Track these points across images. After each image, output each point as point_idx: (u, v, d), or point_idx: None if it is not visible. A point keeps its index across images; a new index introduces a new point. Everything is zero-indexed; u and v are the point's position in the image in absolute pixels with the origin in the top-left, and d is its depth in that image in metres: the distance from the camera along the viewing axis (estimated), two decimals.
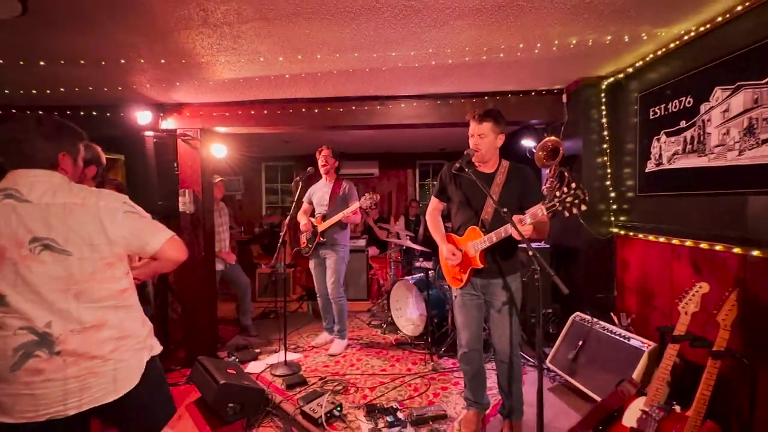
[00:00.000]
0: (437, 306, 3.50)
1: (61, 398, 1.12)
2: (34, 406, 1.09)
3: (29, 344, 1.09)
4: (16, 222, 1.08)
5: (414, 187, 6.91)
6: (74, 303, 1.14)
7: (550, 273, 1.53)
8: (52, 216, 1.11)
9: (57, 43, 2.01)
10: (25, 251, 1.08)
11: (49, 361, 1.10)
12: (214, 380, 2.46)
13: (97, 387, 1.18)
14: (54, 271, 1.11)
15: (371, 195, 3.12)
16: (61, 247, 1.12)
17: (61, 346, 1.12)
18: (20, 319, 1.09)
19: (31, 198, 1.11)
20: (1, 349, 1.07)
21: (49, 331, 1.11)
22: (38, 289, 1.10)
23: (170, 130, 3.27)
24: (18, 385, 1.07)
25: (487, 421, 2.33)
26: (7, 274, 1.08)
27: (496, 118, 1.98)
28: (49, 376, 1.10)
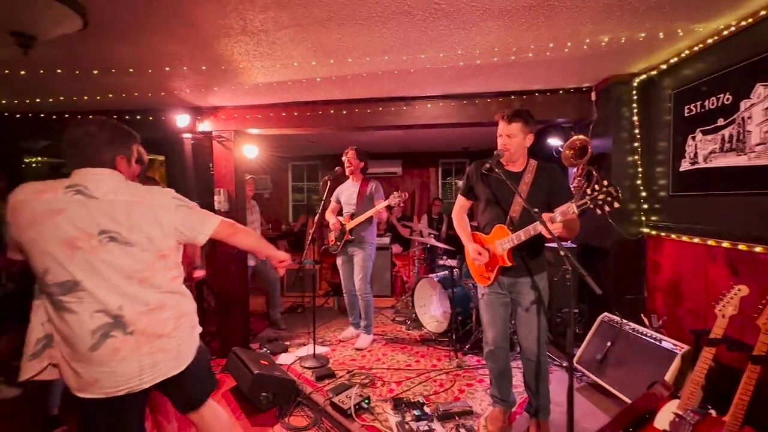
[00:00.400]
0: (461, 304, 3.53)
1: (137, 373, 1.25)
2: (114, 382, 1.22)
3: (105, 326, 1.20)
4: (86, 216, 1.19)
5: (437, 186, 6.92)
6: (139, 288, 1.26)
7: (582, 274, 1.54)
8: (116, 211, 1.22)
9: (110, 54, 2.17)
10: (95, 242, 1.19)
11: (125, 340, 1.22)
12: (249, 370, 2.60)
13: (165, 362, 1.31)
14: (120, 260, 1.22)
15: (399, 193, 3.18)
16: (125, 239, 1.23)
17: (133, 326, 1.23)
18: (95, 302, 1.20)
19: (97, 194, 1.22)
20: (79, 331, 1.18)
21: (121, 314, 1.22)
22: (108, 276, 1.21)
23: (206, 132, 3.43)
24: (99, 365, 1.19)
25: (513, 418, 2.35)
26: (81, 262, 1.18)
27: (526, 119, 1.99)
28: (126, 354, 1.22)
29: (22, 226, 1.16)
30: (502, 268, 2.07)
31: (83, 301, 1.19)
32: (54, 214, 1.16)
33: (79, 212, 1.18)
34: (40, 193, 1.18)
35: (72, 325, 1.18)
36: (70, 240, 1.17)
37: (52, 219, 1.16)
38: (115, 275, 1.22)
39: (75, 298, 1.18)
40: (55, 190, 1.19)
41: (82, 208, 1.19)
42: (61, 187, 1.20)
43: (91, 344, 1.18)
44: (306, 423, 2.44)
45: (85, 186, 1.21)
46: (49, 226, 1.16)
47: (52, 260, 1.17)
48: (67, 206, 1.18)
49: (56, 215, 1.16)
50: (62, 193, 1.19)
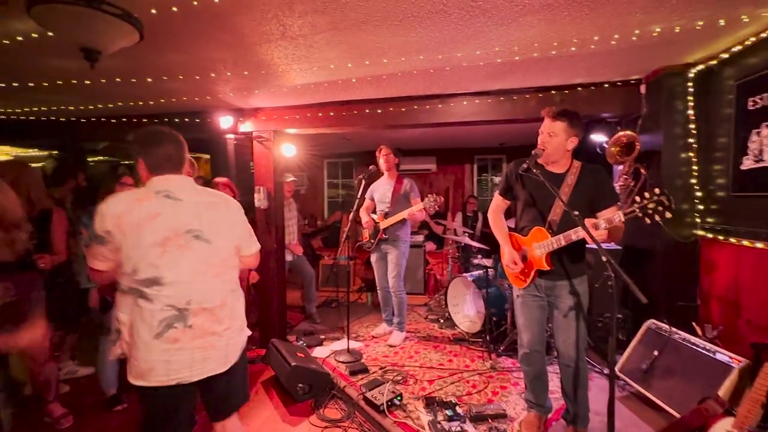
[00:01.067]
0: (496, 304, 3.46)
1: (188, 365, 1.35)
2: (167, 371, 1.32)
3: (171, 318, 1.31)
4: (177, 217, 1.33)
5: (472, 183, 6.80)
6: (210, 283, 1.38)
7: (626, 281, 1.47)
8: (199, 211, 1.37)
9: (162, 63, 2.33)
10: (182, 240, 1.33)
11: (184, 332, 1.33)
12: (287, 362, 2.71)
13: (214, 359, 1.40)
14: (199, 257, 1.36)
15: (435, 197, 3.16)
16: (206, 237, 1.37)
17: (193, 320, 1.34)
18: (169, 296, 1.31)
19: (182, 197, 1.36)
20: (149, 320, 1.30)
21: (187, 308, 1.33)
22: (187, 271, 1.33)
23: (247, 132, 3.58)
24: (157, 352, 1.30)
25: (549, 424, 2.29)
26: (167, 260, 1.31)
27: (572, 120, 1.90)
28: (182, 345, 1.33)
29: (127, 232, 1.27)
30: (539, 271, 2.01)
31: (160, 294, 1.30)
32: (152, 218, 1.30)
33: (171, 214, 1.33)
34: (138, 201, 1.31)
35: (145, 314, 1.30)
36: (163, 240, 1.30)
37: (151, 222, 1.29)
38: (192, 270, 1.34)
39: (154, 291, 1.30)
40: (149, 197, 1.33)
41: (173, 210, 1.34)
42: (151, 193, 1.34)
43: (156, 332, 1.30)
44: (340, 415, 2.51)
45: (171, 191, 1.36)
46: (149, 229, 1.29)
47: (143, 260, 1.29)
48: (161, 210, 1.32)
49: (154, 219, 1.30)
50: (155, 199, 1.33)
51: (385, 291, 3.60)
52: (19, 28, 1.82)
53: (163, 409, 1.38)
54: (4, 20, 1.76)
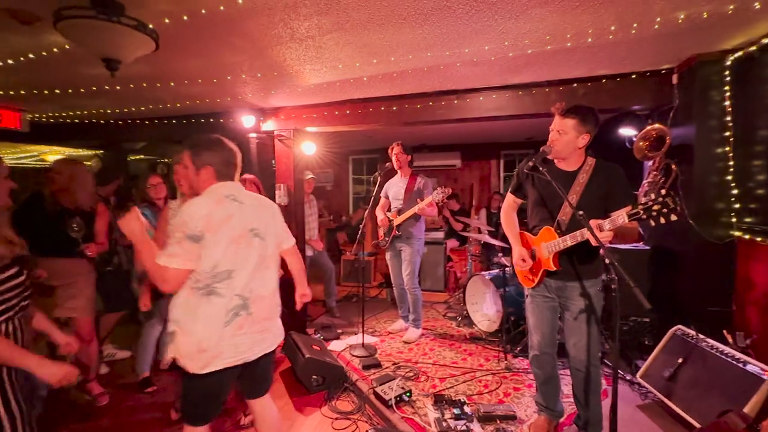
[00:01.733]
0: (515, 304, 3.39)
1: (250, 346, 1.52)
2: (235, 353, 1.49)
3: (237, 307, 1.47)
4: (243, 217, 1.50)
5: (498, 179, 6.62)
6: (264, 274, 1.57)
7: (630, 284, 1.40)
8: (255, 212, 1.56)
9: (182, 68, 2.47)
10: (248, 238, 1.50)
11: (246, 318, 1.49)
12: (302, 354, 2.80)
13: (268, 339, 1.61)
14: (258, 252, 1.54)
15: (443, 189, 3.14)
16: (262, 235, 1.56)
17: (253, 308, 1.51)
18: (237, 287, 1.47)
19: (243, 201, 1.53)
20: (219, 310, 1.44)
21: (249, 297, 1.50)
22: (250, 266, 1.50)
23: (269, 131, 3.71)
24: (226, 338, 1.46)
25: (560, 429, 2.23)
26: (237, 255, 1.47)
27: (584, 117, 1.82)
28: (246, 330, 1.50)
29: (214, 231, 1.41)
30: (547, 272, 1.96)
31: (230, 286, 1.46)
32: (229, 218, 1.46)
33: (240, 215, 1.50)
34: (217, 204, 1.46)
35: (216, 306, 1.44)
36: (236, 237, 1.47)
37: (228, 222, 1.45)
38: (254, 264, 1.52)
39: (225, 285, 1.45)
40: (222, 200, 1.48)
41: (240, 212, 1.50)
42: (223, 197, 1.48)
43: (225, 320, 1.45)
44: (351, 408, 2.57)
45: (235, 195, 1.53)
46: (227, 228, 1.45)
47: (222, 255, 1.43)
48: (234, 212, 1.49)
49: (230, 219, 1.46)
50: (227, 202, 1.48)
51: (400, 288, 3.62)
52: (54, 40, 2.00)
53: (215, 389, 1.53)
54: (40, 34, 1.93)
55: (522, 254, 2.00)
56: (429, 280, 4.94)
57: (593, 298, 1.89)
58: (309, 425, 2.42)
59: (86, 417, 2.48)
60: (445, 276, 4.95)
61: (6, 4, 1.62)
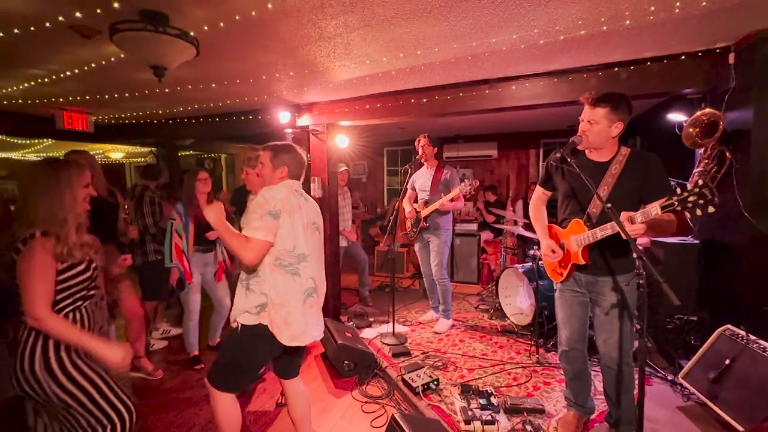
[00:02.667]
0: (549, 298, 3.30)
1: (316, 325, 1.75)
2: (312, 330, 1.71)
3: (310, 288, 1.70)
4: (308, 210, 1.73)
5: (536, 169, 6.38)
6: (320, 263, 1.81)
7: (658, 280, 1.35)
8: (313, 209, 1.79)
9: (221, 70, 2.63)
10: (312, 229, 1.74)
11: (315, 300, 1.73)
12: (334, 340, 2.94)
13: (322, 323, 1.82)
14: (318, 242, 1.79)
15: (470, 181, 3.12)
16: (318, 228, 1.80)
17: (318, 291, 1.76)
18: (310, 270, 1.70)
19: (307, 198, 1.77)
20: (299, 289, 1.65)
21: (316, 280, 1.74)
22: (315, 253, 1.74)
23: (304, 126, 3.85)
24: (306, 316, 1.67)
25: (591, 425, 2.19)
26: (309, 241, 1.69)
27: (616, 105, 1.74)
28: (314, 310, 1.73)
29: (289, 213, 1.62)
30: (576, 266, 1.91)
31: (306, 268, 1.68)
32: (300, 207, 1.68)
33: (306, 207, 1.73)
34: (291, 194, 1.67)
35: (297, 284, 1.65)
36: (306, 225, 1.69)
37: (300, 210, 1.67)
38: (318, 252, 1.78)
39: (302, 265, 1.67)
40: (294, 192, 1.69)
41: (306, 205, 1.74)
42: (293, 190, 1.70)
43: (303, 299, 1.66)
44: (380, 393, 2.68)
45: (301, 191, 1.77)
46: (299, 215, 1.66)
47: (299, 238, 1.65)
48: (302, 203, 1.71)
49: (301, 208, 1.68)
50: (296, 195, 1.70)
51: (430, 279, 3.65)
52: (111, 51, 2.22)
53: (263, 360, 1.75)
54: (100, 46, 2.16)
55: (550, 245, 1.96)
56: (462, 271, 4.92)
57: (626, 293, 1.83)
58: (340, 407, 2.55)
59: (139, 392, 2.74)
60: (478, 268, 4.91)
61: (71, 22, 1.82)
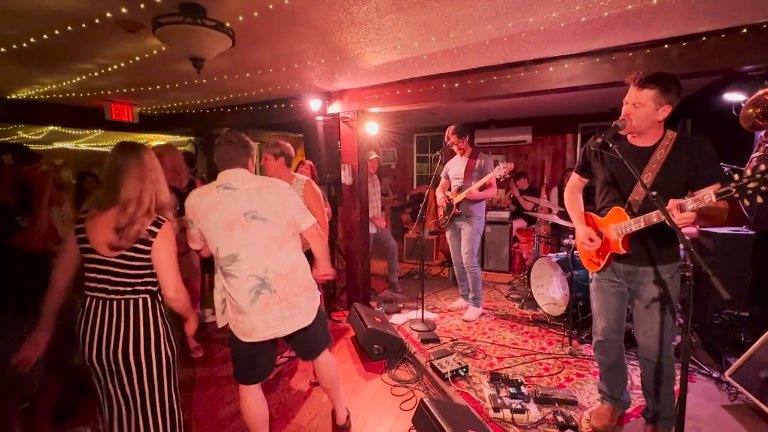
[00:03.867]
0: (584, 289, 3.20)
1: (280, 322, 1.66)
2: (266, 328, 1.65)
3: (256, 286, 1.59)
4: (234, 203, 1.59)
5: (573, 154, 6.10)
6: (278, 253, 1.64)
7: (707, 272, 1.27)
8: (251, 196, 1.61)
9: (255, 59, 2.69)
10: (243, 221, 1.59)
11: (271, 296, 1.62)
12: (364, 324, 3.01)
13: (299, 316, 1.72)
14: (261, 232, 1.61)
15: (504, 165, 3.05)
16: (262, 216, 1.61)
17: (275, 286, 1.62)
18: (248, 268, 1.59)
19: (237, 186, 1.62)
20: (241, 291, 1.60)
21: (266, 276, 1.61)
22: (256, 247, 1.60)
23: (334, 114, 3.87)
24: (255, 315, 1.62)
25: (625, 420, 2.13)
26: (237, 239, 1.58)
27: (665, 86, 1.62)
28: (272, 307, 1.63)
29: (199, 219, 1.61)
30: (616, 255, 1.83)
31: (240, 268, 1.59)
32: (214, 207, 1.59)
33: (229, 202, 1.59)
34: (203, 195, 1.62)
35: (235, 287, 1.61)
36: (228, 223, 1.58)
37: (213, 211, 1.58)
38: (260, 245, 1.61)
39: (235, 267, 1.59)
40: (212, 191, 1.61)
41: (230, 199, 1.60)
42: (214, 187, 1.62)
43: (249, 300, 1.60)
44: (409, 377, 2.73)
45: (228, 183, 1.63)
46: (214, 216, 1.58)
47: (219, 241, 1.59)
48: (221, 199, 1.60)
49: (215, 207, 1.58)
50: (216, 192, 1.61)
51: (460, 267, 3.63)
52: (153, 44, 2.32)
53: (250, 356, 1.74)
54: (143, 40, 2.26)
55: (588, 233, 1.88)
56: (493, 260, 4.85)
57: (668, 284, 1.74)
58: (370, 388, 2.62)
59: (186, 365, 2.97)
60: (510, 257, 4.82)
61: (117, 17, 1.92)
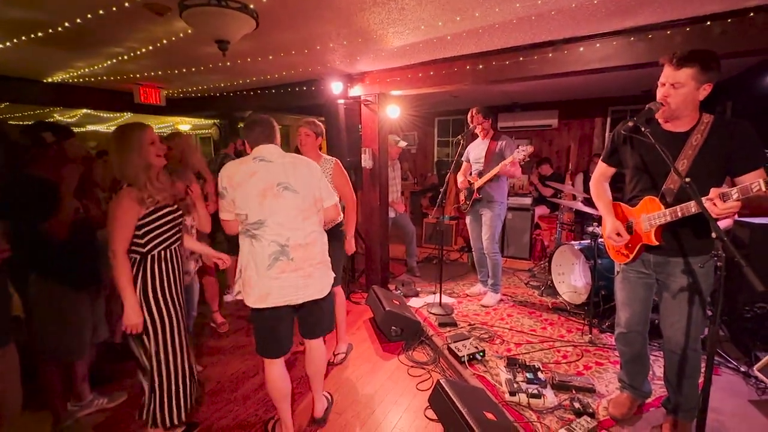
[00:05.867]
0: (607, 278, 3.14)
1: (294, 290, 1.75)
2: (280, 294, 1.73)
3: (276, 252, 1.70)
4: (268, 174, 1.71)
5: (601, 139, 5.88)
6: (301, 224, 1.76)
7: (740, 263, 1.22)
8: (286, 169, 1.75)
9: (278, 41, 2.69)
10: (275, 190, 1.71)
11: (288, 264, 1.72)
12: (383, 306, 3.07)
13: (312, 287, 1.81)
14: (291, 203, 1.73)
15: (524, 147, 2.98)
16: (293, 188, 1.74)
17: (293, 254, 1.73)
18: (272, 234, 1.70)
19: (272, 159, 1.75)
20: (261, 255, 1.71)
21: (287, 244, 1.72)
22: (282, 215, 1.71)
23: (355, 96, 3.85)
24: (271, 280, 1.71)
25: (645, 409, 2.11)
26: (267, 206, 1.70)
27: (705, 63, 1.53)
28: (288, 274, 1.73)
29: (234, 186, 1.70)
30: (646, 246, 1.78)
31: (265, 233, 1.70)
32: (251, 175, 1.70)
33: (264, 172, 1.72)
34: (241, 164, 1.74)
35: (257, 250, 1.71)
36: (262, 191, 1.69)
37: (250, 179, 1.69)
38: (287, 214, 1.72)
39: (261, 231, 1.70)
40: (249, 161, 1.74)
41: (265, 169, 1.72)
42: (250, 159, 1.75)
43: (267, 264, 1.70)
44: (426, 359, 2.78)
45: (263, 156, 1.76)
46: (250, 183, 1.69)
47: (251, 207, 1.69)
48: (257, 169, 1.72)
49: (252, 176, 1.70)
50: (253, 162, 1.73)
51: (480, 252, 3.61)
52: (180, 26, 2.35)
53: (269, 325, 1.82)
54: (171, 23, 2.29)
55: (617, 227, 1.83)
56: (513, 246, 4.80)
57: (699, 276, 1.68)
58: (387, 369, 2.69)
59: (213, 337, 3.15)
60: (530, 243, 4.75)
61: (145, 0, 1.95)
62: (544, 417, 2.06)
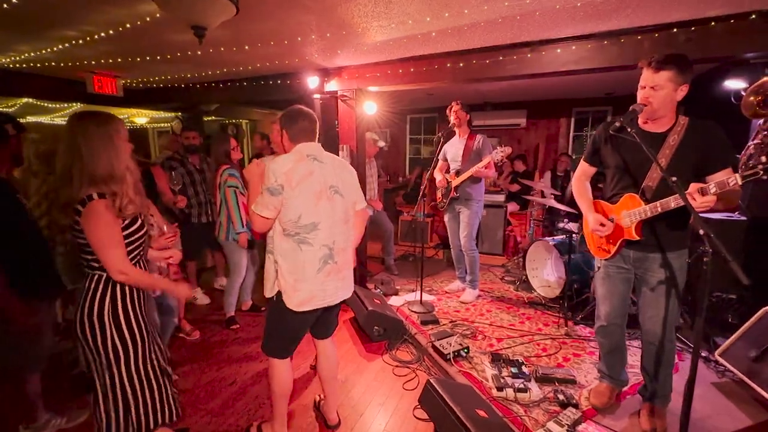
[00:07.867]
0: (579, 272, 3.28)
1: (333, 292, 1.73)
2: (323, 296, 1.70)
3: (326, 256, 1.66)
4: (323, 175, 1.64)
5: (566, 139, 6.15)
6: (344, 228, 1.73)
7: (727, 258, 1.29)
8: (336, 172, 1.69)
9: (256, 31, 2.54)
10: (329, 193, 1.65)
11: (333, 267, 1.69)
12: (365, 306, 3.01)
13: (346, 288, 1.81)
14: (340, 206, 1.69)
15: (503, 148, 3.04)
16: (341, 192, 1.70)
17: (338, 258, 1.70)
18: (323, 238, 1.64)
19: (323, 161, 1.67)
20: (311, 258, 1.64)
21: (333, 248, 1.68)
22: (333, 219, 1.66)
23: (332, 92, 3.74)
24: (317, 283, 1.66)
25: (622, 397, 2.21)
26: (321, 209, 1.62)
27: (681, 66, 1.62)
28: (332, 277, 1.70)
29: (293, 186, 1.56)
30: (627, 241, 1.85)
31: (317, 237, 1.63)
32: (308, 175, 1.60)
33: (320, 173, 1.63)
34: (298, 162, 1.60)
35: (307, 254, 1.63)
36: (317, 192, 1.61)
37: (308, 179, 1.59)
38: (336, 217, 1.68)
39: (313, 235, 1.63)
40: (304, 159, 1.62)
41: (320, 170, 1.64)
42: (304, 156, 1.62)
43: (317, 268, 1.65)
44: (410, 358, 2.76)
45: (316, 155, 1.66)
46: (307, 184, 1.59)
47: (305, 208, 1.59)
48: (314, 169, 1.62)
49: (309, 176, 1.60)
50: (308, 161, 1.62)
51: (458, 249, 3.65)
52: (147, 9, 2.15)
53: (300, 327, 1.78)
54: (136, 5, 2.10)
55: (599, 219, 1.89)
56: (487, 242, 4.90)
57: (676, 270, 1.78)
58: (372, 369, 2.64)
59: (182, 348, 2.92)
60: (504, 240, 4.87)
61: None
62: (531, 410, 2.10)
